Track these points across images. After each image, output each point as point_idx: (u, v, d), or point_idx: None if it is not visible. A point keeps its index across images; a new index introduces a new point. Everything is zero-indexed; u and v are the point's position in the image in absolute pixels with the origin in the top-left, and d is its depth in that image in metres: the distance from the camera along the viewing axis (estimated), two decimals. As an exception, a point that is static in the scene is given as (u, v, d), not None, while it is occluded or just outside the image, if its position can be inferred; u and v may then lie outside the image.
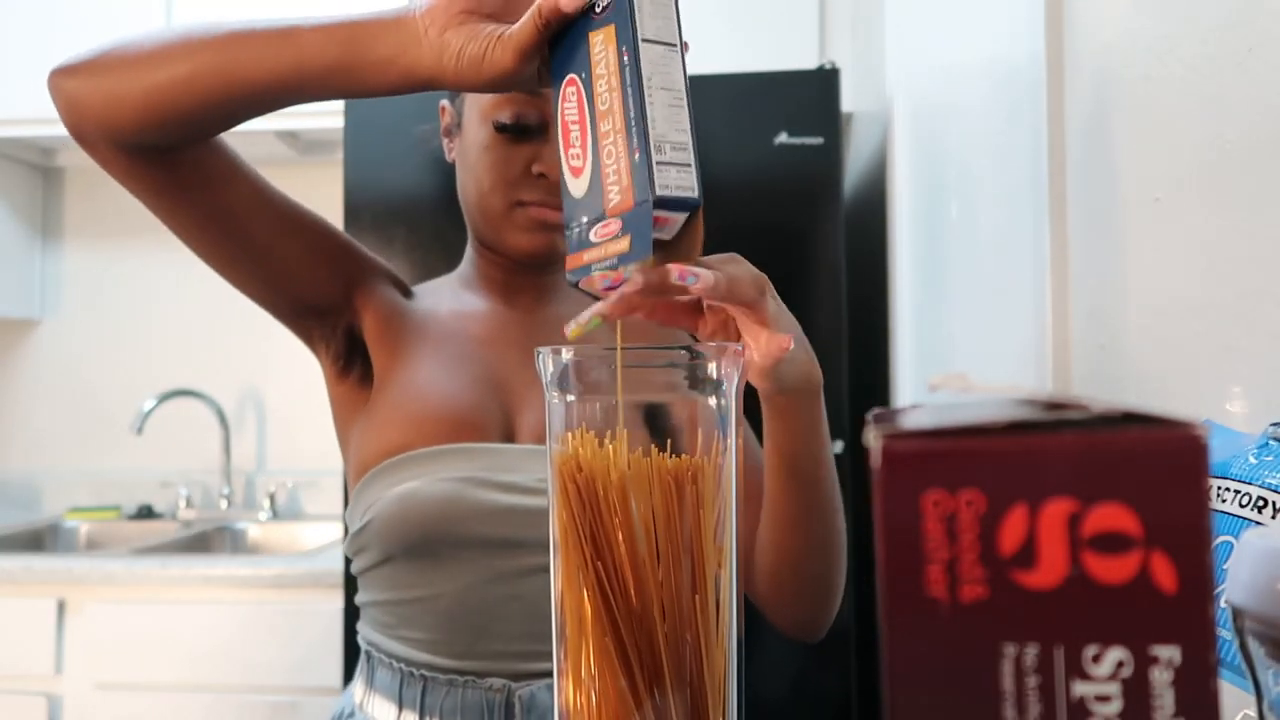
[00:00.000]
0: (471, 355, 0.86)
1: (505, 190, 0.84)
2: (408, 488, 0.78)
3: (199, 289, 2.51)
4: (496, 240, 0.87)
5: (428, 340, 0.86)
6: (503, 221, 0.85)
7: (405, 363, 0.85)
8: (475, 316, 0.89)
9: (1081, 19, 0.85)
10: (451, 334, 0.87)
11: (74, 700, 1.81)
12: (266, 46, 0.62)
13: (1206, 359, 0.66)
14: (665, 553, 0.46)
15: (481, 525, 0.77)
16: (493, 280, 0.91)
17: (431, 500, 0.77)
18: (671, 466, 0.46)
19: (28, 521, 2.33)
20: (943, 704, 0.25)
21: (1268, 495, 0.47)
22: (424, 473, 0.78)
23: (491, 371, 0.86)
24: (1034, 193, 0.92)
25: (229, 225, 0.77)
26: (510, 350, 0.87)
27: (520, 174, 0.83)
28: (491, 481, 0.78)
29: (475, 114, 0.85)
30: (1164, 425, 0.24)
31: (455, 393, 0.83)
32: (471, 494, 0.77)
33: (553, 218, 0.84)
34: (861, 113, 2.05)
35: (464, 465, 0.79)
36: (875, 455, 0.25)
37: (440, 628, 0.79)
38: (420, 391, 0.83)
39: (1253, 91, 0.61)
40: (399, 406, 0.82)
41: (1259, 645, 0.32)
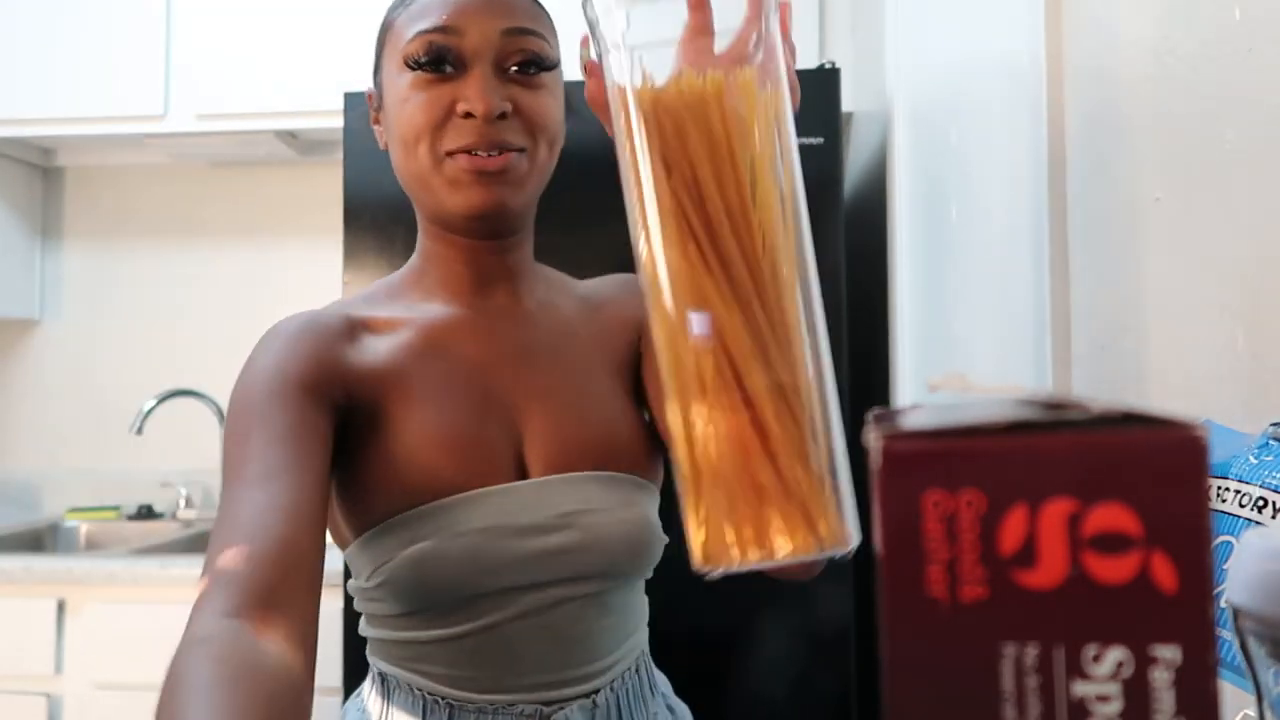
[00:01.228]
0: (463, 380, 0.77)
1: (430, 139, 0.74)
2: (422, 549, 0.72)
3: (199, 289, 2.51)
4: (437, 206, 0.77)
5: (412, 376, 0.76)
6: (435, 179, 0.75)
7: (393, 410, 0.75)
8: (453, 327, 0.79)
9: (1081, 19, 0.85)
10: (435, 360, 0.77)
11: (74, 700, 1.81)
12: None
13: (1206, 359, 0.66)
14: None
15: (506, 576, 0.73)
16: (457, 276, 0.81)
17: (450, 560, 0.72)
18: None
19: (28, 521, 2.33)
20: (942, 704, 0.25)
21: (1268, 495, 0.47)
22: (436, 529, 0.72)
23: (489, 393, 0.77)
24: (1034, 193, 0.92)
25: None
26: (501, 360, 0.79)
27: (443, 116, 0.74)
28: (510, 528, 0.73)
29: (393, 70, 0.77)
30: (1164, 425, 0.24)
31: (457, 435, 0.74)
32: (491, 547, 0.72)
33: (489, 164, 0.74)
34: (861, 113, 2.05)
35: (478, 515, 0.73)
36: (875, 455, 0.25)
37: (465, 664, 0.75)
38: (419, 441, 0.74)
39: (1253, 91, 0.61)
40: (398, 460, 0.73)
41: (1259, 645, 0.32)
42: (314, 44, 2.12)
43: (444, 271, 0.81)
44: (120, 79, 2.17)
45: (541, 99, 0.77)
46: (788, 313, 0.44)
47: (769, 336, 0.43)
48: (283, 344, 0.73)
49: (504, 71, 0.76)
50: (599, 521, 0.76)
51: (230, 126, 2.17)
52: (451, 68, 0.75)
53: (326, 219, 2.37)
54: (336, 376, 0.73)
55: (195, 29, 2.18)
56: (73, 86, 2.18)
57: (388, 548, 0.73)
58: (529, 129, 0.76)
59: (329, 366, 0.73)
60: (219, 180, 2.52)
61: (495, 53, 0.75)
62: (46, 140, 2.37)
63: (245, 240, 2.51)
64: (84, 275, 2.55)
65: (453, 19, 0.75)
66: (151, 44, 2.17)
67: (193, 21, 2.18)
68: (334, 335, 0.76)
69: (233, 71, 2.15)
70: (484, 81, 0.74)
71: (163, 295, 2.51)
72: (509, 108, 0.75)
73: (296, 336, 0.74)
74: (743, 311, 0.43)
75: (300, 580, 0.61)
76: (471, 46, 0.75)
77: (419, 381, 0.76)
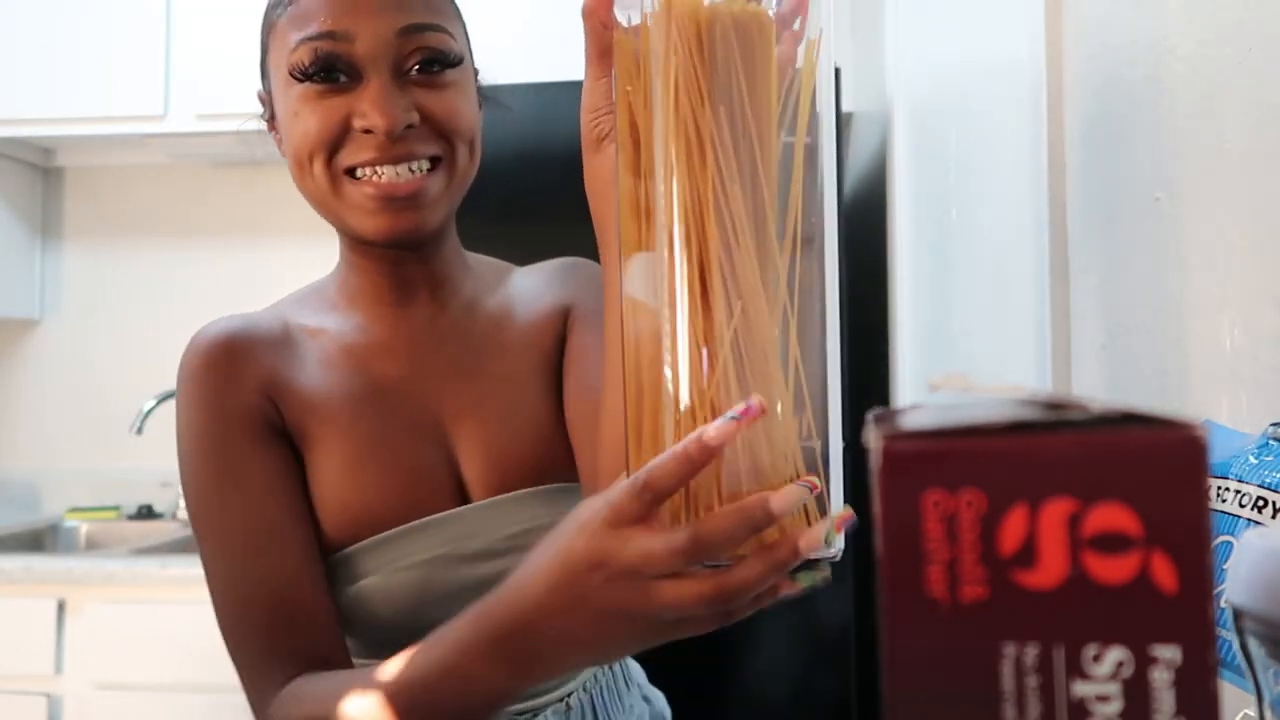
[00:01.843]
0: (391, 403, 0.72)
1: (325, 156, 0.68)
2: (365, 587, 0.69)
3: (199, 289, 2.51)
4: (345, 229, 0.72)
5: (338, 397, 0.72)
6: (335, 202, 0.69)
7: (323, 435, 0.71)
8: (376, 347, 0.75)
9: (1081, 19, 0.85)
10: (360, 381, 0.73)
11: (74, 700, 1.81)
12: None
13: (1206, 359, 0.66)
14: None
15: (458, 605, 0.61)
16: (377, 286, 0.75)
17: (397, 593, 0.68)
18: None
19: (28, 521, 2.33)
20: (943, 704, 0.25)
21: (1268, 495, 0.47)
22: (380, 564, 0.69)
23: (419, 415, 0.73)
24: (1034, 193, 0.92)
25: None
26: (429, 379, 0.74)
27: (339, 131, 0.67)
28: (458, 555, 0.69)
29: (281, 81, 0.70)
30: (1164, 425, 0.24)
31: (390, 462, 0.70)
32: (440, 577, 0.69)
33: (398, 189, 0.67)
34: (861, 113, 2.05)
35: (422, 546, 0.69)
36: (875, 455, 0.25)
37: None
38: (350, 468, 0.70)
39: (1253, 91, 0.61)
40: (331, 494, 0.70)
41: (1259, 645, 0.32)
42: (314, 44, 2.12)
43: (364, 281, 0.76)
44: (120, 79, 2.17)
45: (450, 99, 0.69)
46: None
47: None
48: (209, 371, 0.70)
49: (404, 75, 0.68)
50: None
51: (230, 126, 2.16)
52: (345, 76, 0.67)
53: (326, 219, 2.37)
54: (269, 393, 0.71)
55: (195, 29, 2.18)
56: (73, 86, 2.18)
57: (335, 583, 0.70)
58: (441, 133, 0.69)
59: (258, 385, 0.71)
60: (219, 180, 2.51)
61: (392, 56, 0.67)
62: (46, 140, 2.37)
63: (245, 240, 2.50)
64: (84, 275, 2.55)
65: (340, 22, 0.66)
66: (151, 44, 2.17)
67: (193, 21, 2.18)
68: (263, 346, 0.72)
69: (233, 71, 2.14)
70: (382, 92, 0.66)
71: (163, 295, 2.51)
72: (415, 117, 0.67)
73: (219, 358, 0.71)
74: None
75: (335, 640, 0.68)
76: (365, 52, 0.66)
77: (346, 405, 0.72)
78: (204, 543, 0.69)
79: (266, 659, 0.66)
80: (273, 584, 0.67)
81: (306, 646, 0.66)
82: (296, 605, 0.67)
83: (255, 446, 0.69)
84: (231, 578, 0.68)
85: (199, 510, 0.69)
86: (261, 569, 0.67)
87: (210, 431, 0.69)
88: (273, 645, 0.66)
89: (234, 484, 0.68)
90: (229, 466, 0.69)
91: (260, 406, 0.70)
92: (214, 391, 0.70)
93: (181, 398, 0.71)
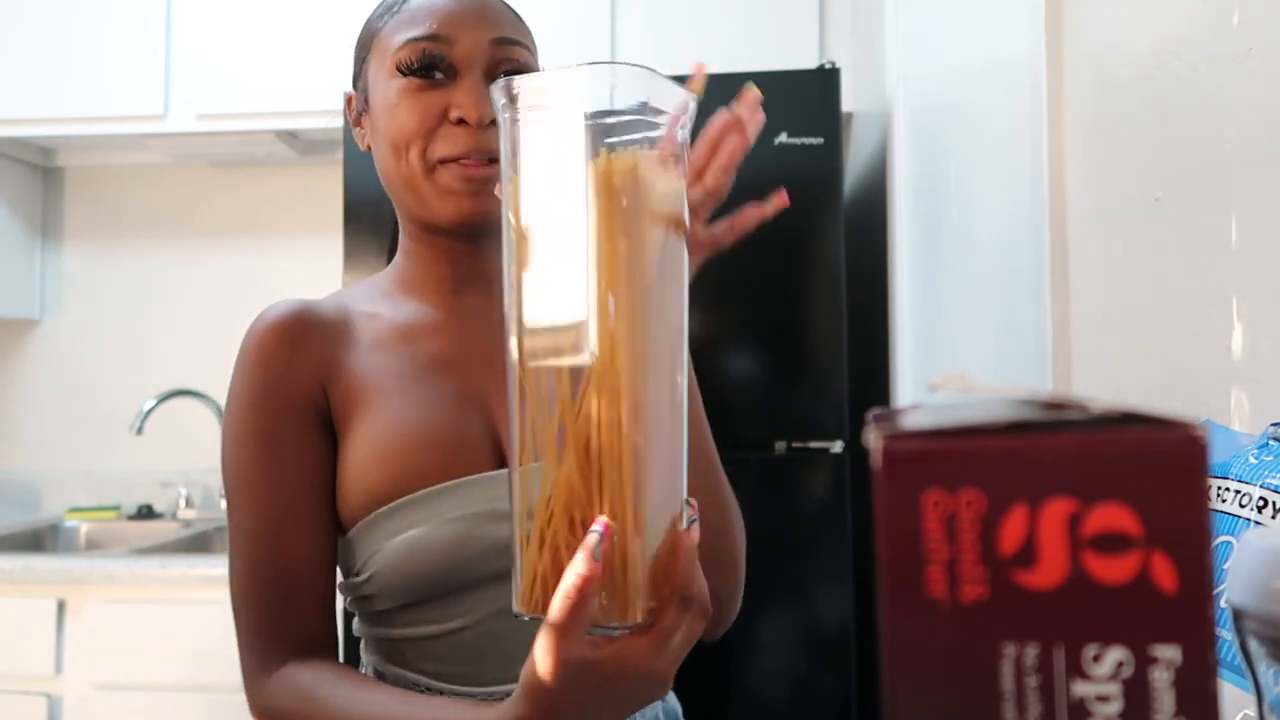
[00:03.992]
0: (438, 374, 0.79)
1: (422, 144, 0.76)
2: (411, 536, 0.73)
3: (199, 289, 2.51)
4: (425, 212, 0.78)
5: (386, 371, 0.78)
6: (425, 186, 0.77)
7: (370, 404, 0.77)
8: (428, 327, 0.81)
9: (1081, 19, 0.85)
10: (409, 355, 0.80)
11: (74, 700, 1.81)
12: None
13: (1206, 359, 0.66)
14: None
15: (498, 559, 0.73)
16: (437, 277, 0.83)
17: (440, 546, 0.73)
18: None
19: (28, 521, 2.33)
20: (943, 704, 0.25)
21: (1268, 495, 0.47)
22: (425, 518, 0.74)
23: (466, 389, 0.79)
24: (1034, 193, 0.92)
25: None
26: (476, 360, 0.80)
27: (436, 123, 0.76)
28: (496, 513, 0.74)
29: (381, 77, 0.79)
30: (1164, 425, 0.24)
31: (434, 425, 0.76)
32: (480, 531, 0.73)
33: (480, 174, 0.76)
34: (861, 113, 2.05)
35: (465, 502, 0.74)
36: (875, 455, 0.25)
37: (458, 660, 0.75)
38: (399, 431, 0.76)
39: (1253, 91, 0.61)
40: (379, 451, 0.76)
41: (1259, 645, 0.32)
42: (314, 44, 2.12)
43: (424, 271, 0.83)
44: (120, 79, 2.17)
45: None
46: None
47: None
48: (270, 351, 0.77)
49: (493, 79, 0.76)
50: None
51: (230, 126, 2.17)
52: (442, 75, 0.76)
53: (326, 219, 2.37)
54: (322, 377, 0.78)
55: (195, 29, 2.18)
56: (73, 86, 2.18)
57: (376, 539, 0.75)
58: None
59: (314, 370, 0.77)
60: (219, 180, 2.51)
61: (485, 61, 0.77)
62: (46, 140, 2.37)
63: (245, 240, 2.50)
64: (84, 275, 2.55)
65: (444, 27, 0.76)
66: (151, 44, 2.17)
67: (193, 21, 2.18)
68: (323, 329, 0.79)
69: (233, 71, 2.15)
70: (476, 88, 0.76)
71: (163, 295, 2.51)
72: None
73: (282, 340, 0.78)
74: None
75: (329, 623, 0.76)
76: (462, 54, 0.76)
77: (395, 377, 0.78)
78: (232, 514, 0.76)
79: (268, 635, 0.74)
80: (284, 565, 0.74)
81: (303, 629, 0.74)
82: (301, 589, 0.74)
83: (297, 432, 0.76)
84: (252, 551, 0.75)
85: (234, 484, 0.76)
86: (278, 549, 0.74)
87: (258, 409, 0.76)
88: (274, 623, 0.74)
89: (270, 464, 0.75)
90: (268, 447, 0.75)
91: (310, 393, 0.77)
92: (268, 372, 0.77)
93: (237, 371, 0.78)
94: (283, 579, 0.74)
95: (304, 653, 0.73)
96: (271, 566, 0.74)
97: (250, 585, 0.74)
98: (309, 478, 0.76)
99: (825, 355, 1.67)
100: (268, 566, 0.74)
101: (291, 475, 0.75)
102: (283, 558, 0.74)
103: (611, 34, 2.08)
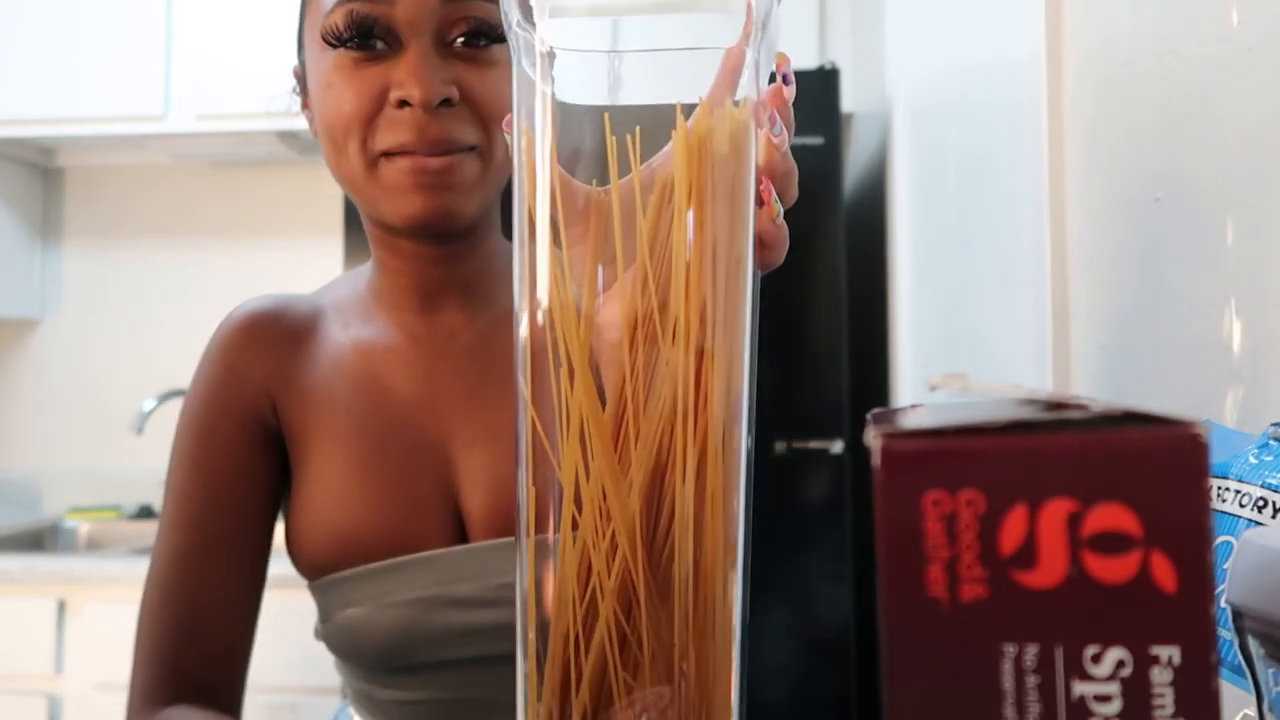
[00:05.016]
0: (396, 421, 0.68)
1: (361, 134, 0.62)
2: (353, 615, 0.66)
3: (199, 289, 2.51)
4: (374, 214, 0.66)
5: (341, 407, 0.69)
6: (369, 185, 0.63)
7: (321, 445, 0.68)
8: (391, 356, 0.70)
9: (1081, 19, 0.85)
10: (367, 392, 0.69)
11: (74, 700, 1.81)
12: None
13: (1206, 359, 0.66)
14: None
15: (443, 650, 0.66)
16: (402, 289, 0.70)
17: (382, 630, 0.65)
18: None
19: (28, 521, 2.33)
20: (943, 704, 0.25)
21: (1268, 495, 0.47)
22: (366, 597, 0.66)
23: (423, 437, 0.68)
24: (1034, 193, 0.92)
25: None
26: (442, 398, 0.69)
27: (374, 106, 0.61)
28: (446, 599, 0.65)
29: (315, 49, 0.65)
30: (1164, 425, 0.24)
31: (385, 488, 0.67)
32: (425, 620, 0.65)
33: (431, 165, 0.61)
34: (861, 113, 2.05)
35: (412, 584, 0.65)
36: (875, 455, 0.25)
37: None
38: (344, 493, 0.67)
39: (1253, 91, 0.61)
40: (323, 514, 0.67)
41: (1259, 645, 0.32)
42: (314, 44, 2.12)
43: (390, 283, 0.71)
44: (120, 79, 2.17)
45: (493, 79, 0.63)
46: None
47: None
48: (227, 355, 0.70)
49: (447, 46, 0.62)
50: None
51: (230, 127, 2.17)
52: (382, 43, 0.61)
53: (326, 219, 2.37)
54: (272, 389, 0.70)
55: (195, 29, 2.18)
56: (73, 87, 2.18)
57: (325, 606, 0.69)
58: (481, 119, 0.63)
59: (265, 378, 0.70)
60: (219, 180, 2.51)
61: (435, 23, 0.61)
62: (46, 140, 2.37)
63: (245, 240, 2.50)
64: (84, 275, 2.55)
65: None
66: (151, 44, 2.17)
67: (193, 21, 2.18)
68: (286, 336, 0.71)
69: (233, 71, 2.15)
70: (422, 60, 0.60)
71: (163, 295, 2.51)
72: (454, 93, 0.61)
73: (240, 340, 0.71)
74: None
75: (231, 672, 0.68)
76: (405, 16, 0.61)
77: (348, 416, 0.69)
78: (160, 522, 0.69)
79: (162, 671, 0.66)
80: (197, 594, 0.67)
81: (199, 673, 0.66)
82: (210, 626, 0.67)
83: (238, 444, 0.69)
84: (167, 572, 0.67)
85: (168, 489, 0.70)
86: (195, 574, 0.67)
87: (202, 416, 0.70)
88: (172, 660, 0.66)
89: (202, 477, 0.68)
90: (204, 459, 0.68)
91: (258, 405, 0.70)
92: (219, 377, 0.70)
93: (195, 372, 0.72)
94: (188, 614, 0.66)
95: (196, 700, 0.65)
96: (179, 598, 0.66)
97: (155, 611, 0.66)
98: (242, 503, 0.68)
99: (825, 355, 1.67)
100: (176, 596, 0.66)
101: (224, 498, 0.68)
102: (200, 583, 0.66)
103: (611, 34, 2.08)
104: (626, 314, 0.38)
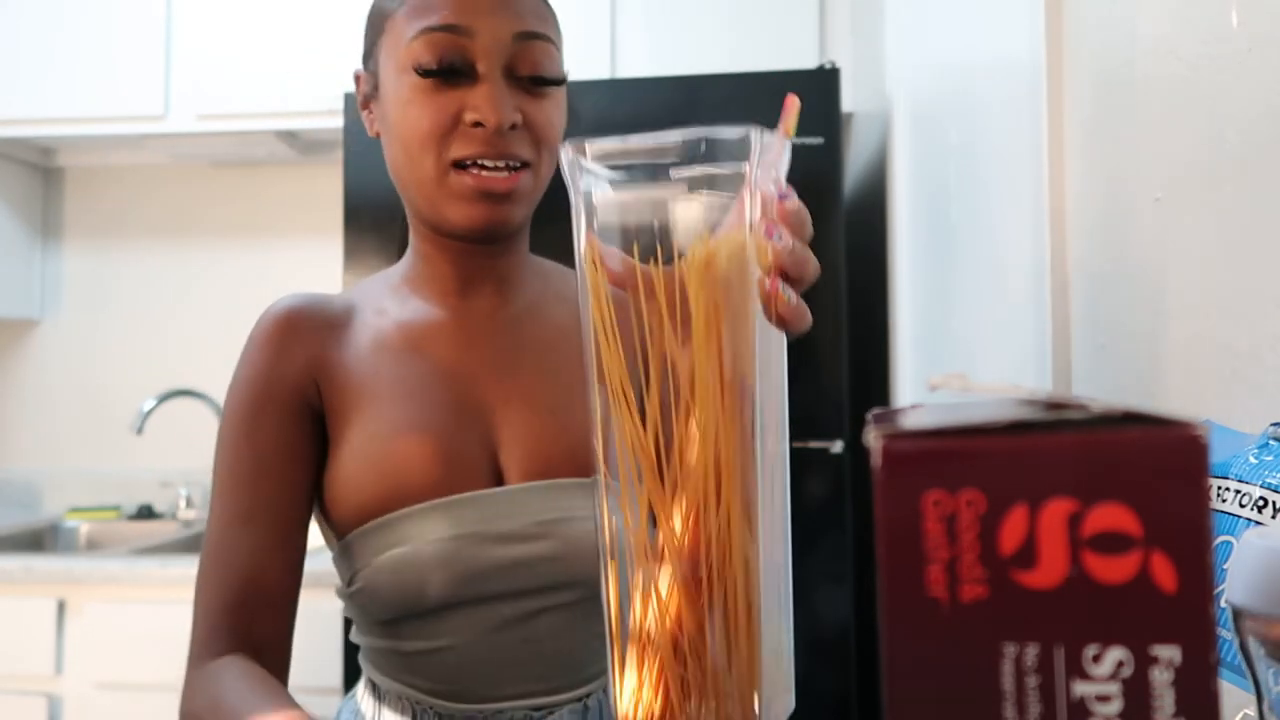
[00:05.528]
0: (439, 383, 0.76)
1: (436, 147, 0.71)
2: (397, 554, 0.71)
3: (199, 289, 2.51)
4: (436, 216, 0.74)
5: (386, 375, 0.76)
6: (437, 191, 0.72)
7: (367, 408, 0.75)
8: (432, 330, 0.78)
9: (1081, 19, 0.85)
10: (411, 361, 0.77)
11: (74, 700, 1.81)
12: None
13: (1206, 359, 0.66)
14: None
15: (483, 583, 0.72)
16: (444, 277, 0.79)
17: (426, 566, 0.71)
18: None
19: (28, 521, 2.33)
20: (943, 704, 0.25)
21: (1268, 495, 0.47)
22: (412, 535, 0.72)
23: (465, 398, 0.76)
24: (1034, 192, 0.92)
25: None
26: (481, 366, 0.77)
27: (450, 124, 0.71)
28: (487, 535, 0.72)
29: (393, 68, 0.73)
30: (1164, 425, 0.24)
31: (430, 438, 0.73)
32: (468, 553, 0.71)
33: (497, 184, 0.71)
34: (861, 113, 2.05)
35: (454, 522, 0.72)
36: (875, 455, 0.25)
37: (450, 678, 0.74)
38: (391, 443, 0.73)
39: (1253, 91, 0.61)
40: (370, 462, 0.73)
41: (1259, 645, 0.32)
42: (314, 44, 2.12)
43: (431, 271, 0.79)
44: (120, 79, 2.17)
45: (548, 111, 0.74)
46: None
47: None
48: (270, 343, 0.76)
49: (514, 79, 0.73)
50: (578, 531, 0.73)
51: (230, 126, 2.17)
52: (460, 72, 0.71)
53: (326, 219, 2.37)
54: (314, 373, 0.76)
55: (195, 29, 2.18)
56: (73, 86, 2.18)
57: (365, 553, 0.73)
58: (535, 142, 0.74)
59: (306, 363, 0.76)
60: (219, 180, 2.51)
61: (506, 57, 0.72)
62: (46, 140, 2.37)
63: (245, 240, 2.50)
64: (84, 275, 2.55)
65: (463, 17, 0.71)
66: (151, 44, 2.17)
67: (193, 21, 2.18)
68: (322, 325, 0.78)
69: (233, 71, 2.15)
70: (495, 90, 0.71)
71: (163, 295, 2.51)
72: (519, 119, 0.72)
73: (279, 330, 0.77)
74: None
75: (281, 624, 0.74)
76: (482, 49, 0.71)
77: (393, 382, 0.76)
78: (212, 497, 0.75)
79: (218, 625, 0.71)
80: (249, 555, 0.72)
81: (254, 627, 0.72)
82: (262, 583, 0.72)
83: (284, 421, 0.74)
84: (221, 536, 0.73)
85: (218, 463, 0.75)
86: (247, 537, 0.72)
87: (249, 396, 0.75)
88: (228, 615, 0.71)
89: (252, 450, 0.74)
90: (251, 433, 0.74)
91: (299, 385, 0.75)
92: (264, 362, 0.75)
93: (239, 360, 0.77)
94: (249, 573, 0.72)
95: (249, 651, 0.71)
96: (241, 555, 0.72)
97: (219, 575, 0.72)
98: (288, 467, 0.74)
99: (825, 355, 1.67)
100: (231, 556, 0.72)
101: (270, 462, 0.73)
102: (252, 547, 0.72)
103: (611, 34, 2.08)
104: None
